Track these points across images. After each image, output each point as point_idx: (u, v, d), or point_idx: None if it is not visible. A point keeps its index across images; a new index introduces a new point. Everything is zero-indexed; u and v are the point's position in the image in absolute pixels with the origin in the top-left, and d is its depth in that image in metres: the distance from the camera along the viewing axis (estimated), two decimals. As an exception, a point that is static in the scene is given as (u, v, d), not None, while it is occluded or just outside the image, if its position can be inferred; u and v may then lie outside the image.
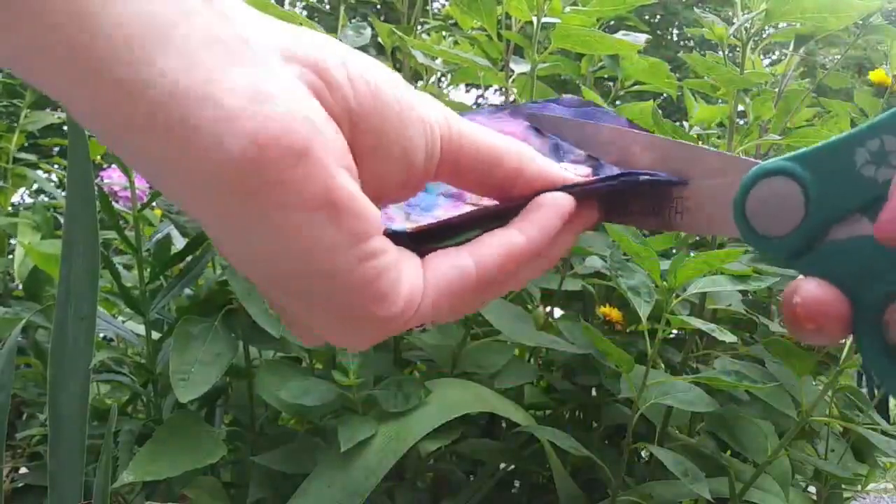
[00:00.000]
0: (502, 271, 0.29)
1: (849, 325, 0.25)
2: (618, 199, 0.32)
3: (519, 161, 0.30)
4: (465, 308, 0.29)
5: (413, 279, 0.27)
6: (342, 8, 1.02)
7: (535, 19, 0.87)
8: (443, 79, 1.24)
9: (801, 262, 0.27)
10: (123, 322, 1.07)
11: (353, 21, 0.97)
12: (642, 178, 0.30)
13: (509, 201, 0.30)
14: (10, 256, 1.20)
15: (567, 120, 0.35)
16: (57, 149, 1.92)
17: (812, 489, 1.09)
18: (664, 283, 0.77)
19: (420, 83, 1.14)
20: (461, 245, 0.29)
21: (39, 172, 1.44)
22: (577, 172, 0.32)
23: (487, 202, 0.32)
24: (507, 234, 0.29)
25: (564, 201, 0.30)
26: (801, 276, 0.27)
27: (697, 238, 1.06)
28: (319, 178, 0.23)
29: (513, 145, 0.30)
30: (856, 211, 0.25)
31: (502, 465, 0.98)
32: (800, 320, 0.25)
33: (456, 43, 1.10)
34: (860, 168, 0.25)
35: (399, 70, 1.03)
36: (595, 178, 0.31)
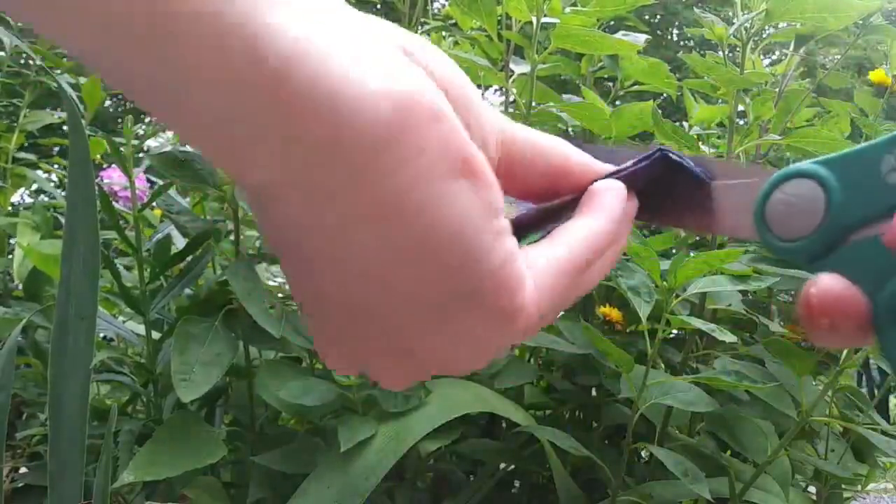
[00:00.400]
0: (593, 256, 0.27)
1: (865, 326, 0.25)
2: (646, 199, 0.32)
3: (566, 156, 0.30)
4: (564, 304, 0.27)
5: (524, 272, 0.24)
6: (342, 8, 1.02)
7: (534, 19, 0.87)
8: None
9: (819, 265, 0.27)
10: (123, 322, 1.07)
11: (353, 21, 0.97)
12: (673, 156, 0.30)
13: (552, 199, 0.30)
14: (10, 256, 1.20)
15: (597, 147, 0.35)
16: (57, 149, 1.91)
17: (812, 489, 1.09)
18: (664, 283, 0.77)
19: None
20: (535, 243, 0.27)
21: (39, 172, 1.43)
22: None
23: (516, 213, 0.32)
24: (583, 221, 0.28)
25: (619, 185, 0.29)
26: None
27: (697, 238, 1.06)
28: (457, 142, 0.21)
29: (555, 140, 0.30)
30: (879, 218, 0.25)
31: (502, 465, 0.98)
32: (815, 315, 0.25)
33: (456, 43, 1.10)
34: (885, 175, 0.25)
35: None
36: (631, 161, 0.31)
